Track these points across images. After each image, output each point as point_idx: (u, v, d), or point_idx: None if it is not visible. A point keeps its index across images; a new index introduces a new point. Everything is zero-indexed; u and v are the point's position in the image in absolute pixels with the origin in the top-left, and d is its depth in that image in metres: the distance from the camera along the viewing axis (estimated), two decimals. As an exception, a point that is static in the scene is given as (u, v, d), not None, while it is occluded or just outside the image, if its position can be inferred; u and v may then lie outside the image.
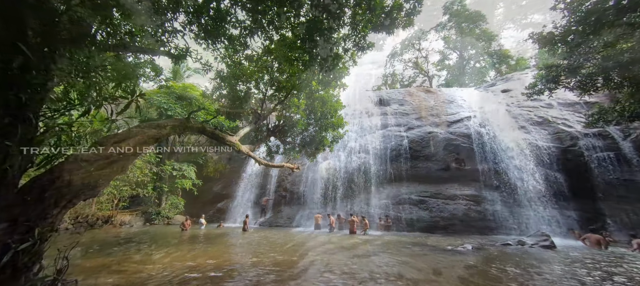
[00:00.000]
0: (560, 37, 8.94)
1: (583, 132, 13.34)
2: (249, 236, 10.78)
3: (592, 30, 7.89)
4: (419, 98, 21.36)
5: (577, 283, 4.10)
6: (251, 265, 5.25)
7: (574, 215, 11.80)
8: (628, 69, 8.13)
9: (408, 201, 14.13)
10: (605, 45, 7.94)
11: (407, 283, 3.95)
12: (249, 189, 19.76)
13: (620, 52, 7.91)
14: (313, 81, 10.07)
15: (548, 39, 9.13)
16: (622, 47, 8.02)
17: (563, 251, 7.50)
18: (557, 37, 9.02)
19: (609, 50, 7.88)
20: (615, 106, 9.32)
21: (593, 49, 8.52)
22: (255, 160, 10.60)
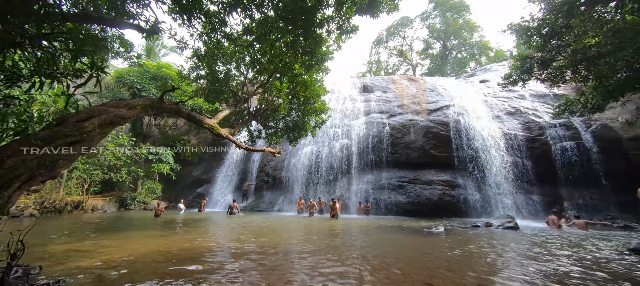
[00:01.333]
0: (536, 29, 9.26)
1: (550, 122, 14.20)
2: (231, 221, 10.70)
3: (564, 24, 8.22)
4: (402, 86, 21.63)
5: (518, 254, 4.49)
6: (231, 248, 5.22)
7: (538, 199, 12.74)
8: (594, 63, 8.63)
9: (388, 187, 14.56)
10: (575, 38, 8.34)
11: (382, 261, 4.10)
12: (231, 174, 19.46)
13: (588, 47, 8.34)
14: (296, 64, 9.81)
15: (524, 30, 9.44)
16: (590, 42, 8.45)
17: (524, 232, 8.11)
18: (533, 29, 9.34)
19: (579, 43, 8.29)
20: (580, 98, 9.93)
21: (564, 43, 8.92)
22: (236, 144, 10.36)
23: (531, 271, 3.86)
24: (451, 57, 45.89)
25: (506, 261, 4.47)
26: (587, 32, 8.08)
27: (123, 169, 16.39)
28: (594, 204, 12.06)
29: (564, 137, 13.42)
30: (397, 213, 13.41)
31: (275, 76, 11.11)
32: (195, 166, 21.05)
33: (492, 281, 3.40)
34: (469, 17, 44.05)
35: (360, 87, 23.10)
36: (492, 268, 4.02)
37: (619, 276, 3.67)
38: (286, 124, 13.02)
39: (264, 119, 13.03)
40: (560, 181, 12.92)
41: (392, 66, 51.85)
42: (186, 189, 20.53)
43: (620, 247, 5.75)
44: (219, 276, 3.34)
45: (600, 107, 9.36)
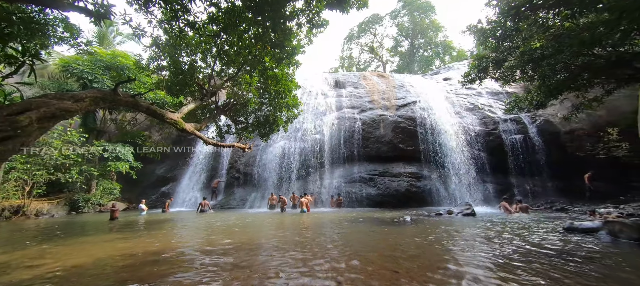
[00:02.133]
0: (491, 32, 10.04)
1: (503, 117, 15.62)
2: (201, 220, 10.22)
3: (514, 27, 9.02)
4: (373, 82, 22.22)
5: (473, 237, 4.97)
6: (200, 247, 4.99)
7: (492, 188, 14.00)
8: (538, 64, 9.59)
9: (359, 180, 14.97)
10: (523, 41, 9.21)
11: (352, 252, 4.22)
12: (199, 172, 18.56)
13: (534, 50, 9.25)
14: (266, 57, 9.56)
15: (481, 32, 10.19)
16: (535, 45, 9.39)
17: (480, 217, 8.89)
18: (488, 32, 10.12)
19: (526, 46, 9.17)
20: (527, 95, 11.03)
21: (514, 45, 9.80)
22: (203, 140, 9.88)
23: (484, 250, 4.24)
24: (418, 56, 48.09)
25: (463, 244, 4.87)
26: (533, 36, 8.96)
27: (73, 168, 14.79)
28: (537, 190, 13.58)
29: (514, 131, 14.87)
30: (367, 205, 13.87)
31: (245, 68, 10.75)
32: (158, 163, 19.71)
33: (451, 261, 3.68)
34: (434, 17, 46.41)
35: (333, 83, 23.28)
36: (450, 251, 4.34)
37: (555, 250, 4.19)
38: (257, 119, 12.70)
39: (234, 113, 12.58)
40: (510, 171, 14.32)
41: (364, 62, 52.99)
42: (149, 189, 19.17)
43: (556, 227, 6.56)
44: (188, 280, 3.19)
45: (543, 104, 10.49)
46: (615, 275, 3.10)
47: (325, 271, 3.38)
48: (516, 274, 3.14)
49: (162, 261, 3.99)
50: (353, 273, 3.28)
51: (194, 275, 3.29)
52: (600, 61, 8.69)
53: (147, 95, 12.73)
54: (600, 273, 3.12)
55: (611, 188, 11.98)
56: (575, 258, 3.77)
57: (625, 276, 3.08)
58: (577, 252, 4.12)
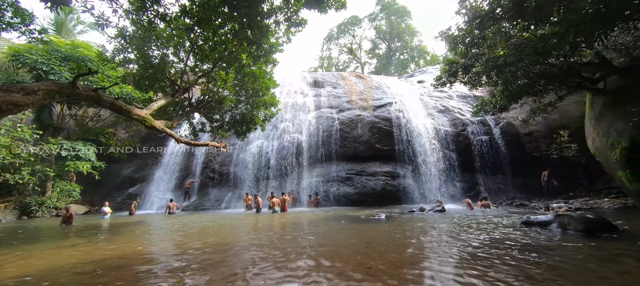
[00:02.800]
0: (460, 39, 10.63)
1: (471, 119, 16.62)
2: (171, 221, 9.73)
3: (480, 36, 9.64)
4: (351, 82, 22.57)
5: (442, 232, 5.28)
6: (170, 252, 4.76)
7: (460, 186, 14.85)
8: (502, 71, 10.32)
9: (336, 179, 15.14)
10: (488, 48, 9.87)
11: (328, 249, 4.26)
12: (170, 172, 17.67)
13: (498, 57, 9.94)
14: (243, 54, 9.33)
15: (451, 39, 10.75)
16: (499, 53, 10.09)
17: (449, 213, 9.40)
18: (458, 38, 10.71)
19: (490, 53, 9.83)
20: (492, 99, 11.81)
21: (481, 52, 10.46)
22: (174, 138, 9.42)
23: (451, 244, 4.50)
24: (395, 58, 49.62)
25: (433, 238, 5.12)
26: (497, 44, 9.63)
27: (24, 169, 13.40)
28: (501, 187, 14.63)
29: (480, 132, 15.89)
30: (345, 203, 14.08)
31: (221, 65, 10.42)
32: (125, 163, 18.48)
33: (420, 255, 3.85)
34: (410, 22, 48.17)
35: (312, 82, 23.30)
36: (420, 245, 4.54)
37: (513, 242, 4.55)
38: (233, 117, 12.37)
39: (208, 111, 12.15)
40: (477, 169, 15.29)
41: (343, 62, 53.62)
42: (114, 190, 17.91)
43: (516, 221, 7.12)
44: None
45: (506, 107, 11.30)
46: (561, 261, 3.44)
47: (300, 269, 3.39)
48: (478, 263, 3.37)
49: (124, 268, 3.76)
50: (326, 271, 3.32)
51: (159, 282, 3.14)
52: (554, 70, 9.55)
53: (112, 89, 11.85)
54: (550, 260, 3.45)
55: (563, 185, 13.22)
56: (530, 249, 4.12)
57: (569, 262, 3.43)
58: (532, 243, 4.50)
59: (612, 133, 8.43)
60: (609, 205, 9.63)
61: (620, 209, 8.95)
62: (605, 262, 3.44)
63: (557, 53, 9.10)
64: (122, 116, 9.08)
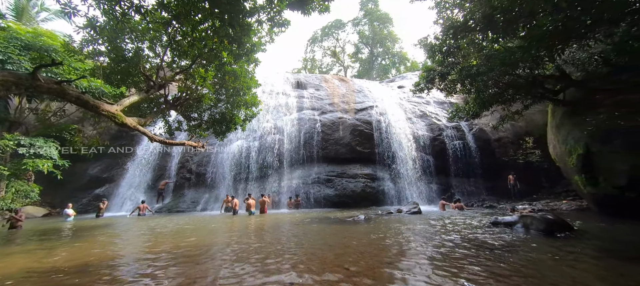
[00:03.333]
0: (438, 47, 11.12)
1: (446, 125, 17.38)
2: (141, 223, 9.21)
3: (456, 46, 10.14)
4: (334, 85, 22.77)
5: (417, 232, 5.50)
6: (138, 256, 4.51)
7: (436, 188, 15.46)
8: (475, 79, 10.93)
9: (317, 181, 15.17)
10: (463, 58, 10.40)
11: (307, 250, 4.25)
12: (143, 172, 16.79)
13: (471, 66, 10.51)
14: (224, 52, 9.11)
15: (430, 47, 11.22)
16: (472, 63, 10.67)
17: (425, 215, 9.75)
18: (436, 47, 11.19)
19: (465, 63, 10.38)
20: (465, 106, 12.45)
21: (456, 61, 11.01)
22: (148, 136, 8.97)
23: (425, 243, 4.67)
24: (377, 63, 50.78)
25: (408, 238, 5.28)
26: (471, 54, 10.18)
27: (-27, 166, 12.09)
28: (473, 190, 15.42)
29: (455, 137, 16.66)
30: (325, 205, 14.13)
31: (200, 62, 10.10)
32: (92, 162, 17.29)
33: (397, 254, 3.96)
34: (392, 29, 49.57)
35: (294, 83, 23.23)
36: (397, 245, 4.67)
37: (482, 241, 4.81)
38: (212, 116, 12.02)
39: (186, 109, 11.71)
40: (451, 173, 16.00)
41: (326, 65, 53.99)
42: (79, 191, 16.69)
43: (485, 222, 7.53)
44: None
45: (478, 114, 11.96)
46: (522, 258, 3.69)
47: (276, 271, 3.35)
48: (449, 262, 3.53)
49: (85, 274, 3.51)
50: (303, 272, 3.31)
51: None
52: (521, 80, 10.26)
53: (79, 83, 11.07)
54: (513, 258, 3.69)
55: (528, 188, 14.19)
56: (496, 248, 4.38)
57: (529, 259, 3.69)
58: (498, 242, 4.79)
59: (570, 141, 9.19)
60: (567, 207, 10.47)
61: (576, 210, 9.76)
62: (560, 258, 3.74)
63: (523, 65, 9.79)
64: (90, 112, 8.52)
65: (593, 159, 8.19)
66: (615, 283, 2.85)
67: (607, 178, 7.74)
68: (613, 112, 8.00)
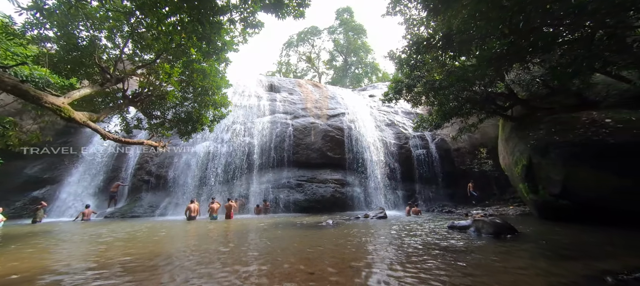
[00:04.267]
0: (405, 61, 11.79)
1: (412, 134, 18.38)
2: (87, 230, 8.28)
3: (421, 60, 10.85)
4: (307, 90, 22.89)
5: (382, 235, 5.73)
6: (77, 267, 4.04)
7: (401, 194, 16.18)
8: (437, 93, 11.76)
9: (287, 186, 15.01)
10: (427, 72, 11.15)
11: (273, 256, 4.16)
12: (94, 173, 15.22)
13: (435, 81, 11.30)
14: (192, 48, 8.70)
15: (398, 60, 11.85)
16: (435, 77, 11.48)
17: (390, 219, 10.14)
18: (404, 60, 11.85)
19: (428, 77, 11.13)
20: (429, 117, 13.29)
21: (421, 75, 11.75)
22: (100, 134, 8.18)
23: (388, 247, 4.85)
24: (350, 72, 52.19)
25: (373, 241, 5.45)
26: (434, 69, 10.95)
27: None
28: (435, 196, 16.41)
29: (420, 146, 17.67)
30: (294, 210, 14.01)
31: (165, 57, 9.55)
32: (31, 160, 15.27)
33: (361, 257, 4.06)
34: (365, 40, 51.46)
35: (268, 86, 22.93)
36: (362, 248, 4.79)
37: (440, 243, 5.13)
38: (177, 115, 11.38)
39: (147, 106, 10.94)
40: (415, 179, 16.89)
41: (301, 70, 54.18)
42: (13, 193, 14.57)
43: (443, 226, 8.05)
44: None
45: (440, 125, 12.84)
46: (473, 258, 4.01)
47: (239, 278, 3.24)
48: (410, 260, 3.70)
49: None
50: (267, 278, 3.24)
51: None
52: (477, 96, 11.27)
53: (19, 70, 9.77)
54: (467, 257, 3.99)
55: (482, 194, 15.48)
56: (451, 248, 4.70)
57: (478, 258, 4.02)
58: (453, 244, 5.14)
59: (516, 152, 10.26)
60: (513, 212, 11.61)
61: (521, 215, 10.86)
62: (505, 257, 4.13)
63: (479, 82, 10.77)
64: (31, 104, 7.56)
65: (534, 170, 9.21)
66: (546, 277, 3.22)
67: (545, 186, 8.75)
68: (550, 129, 9.10)
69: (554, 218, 8.48)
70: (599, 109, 8.92)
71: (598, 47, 5.65)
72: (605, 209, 7.46)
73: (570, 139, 8.19)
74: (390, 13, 12.74)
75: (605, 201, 7.44)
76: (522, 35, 5.84)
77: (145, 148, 15.44)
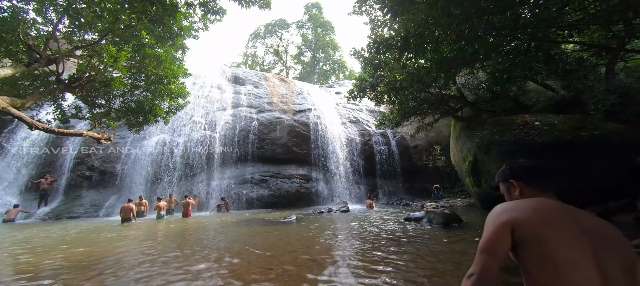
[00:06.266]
0: (369, 60, 12.18)
1: (375, 131, 19.15)
2: (14, 232, 7.07)
3: (384, 60, 11.31)
4: (274, 84, 22.41)
5: (343, 228, 5.94)
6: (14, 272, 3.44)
7: (364, 188, 16.82)
8: (398, 93, 12.39)
9: (251, 181, 14.61)
10: (389, 71, 11.68)
11: (230, 256, 4.01)
12: (18, 167, 13.09)
13: (396, 81, 11.88)
14: (143, 31, 7.89)
15: (363, 59, 12.20)
16: (397, 77, 12.08)
17: (352, 213, 10.48)
18: (368, 60, 12.24)
19: (390, 77, 11.68)
20: (390, 115, 13.96)
21: (384, 74, 12.26)
22: (26, 123, 7.02)
23: (348, 238, 5.00)
24: (318, 68, 52.35)
25: (334, 234, 5.58)
26: (395, 70, 11.50)
27: None
28: (395, 190, 17.36)
29: (381, 143, 18.51)
30: (258, 206, 13.71)
31: (112, 38, 8.53)
32: None
33: (321, 250, 4.12)
34: (333, 37, 51.96)
35: (231, 77, 21.91)
36: (324, 239, 4.87)
37: (395, 233, 5.44)
38: (126, 104, 10.31)
39: (89, 93, 9.71)
40: (377, 174, 17.68)
41: (268, 63, 52.81)
42: None
43: (400, 217, 8.57)
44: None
45: (399, 123, 13.58)
46: (422, 244, 4.34)
47: (196, 278, 3.07)
48: (368, 247, 3.87)
49: None
50: (226, 277, 3.12)
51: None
52: (433, 97, 12.14)
53: None
54: (418, 243, 4.30)
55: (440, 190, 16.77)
56: (404, 237, 5.02)
57: (428, 244, 4.36)
58: (407, 233, 5.50)
59: (464, 150, 11.32)
60: (460, 203, 12.82)
61: (467, 206, 12.04)
62: (450, 243, 4.55)
63: (435, 85, 11.60)
64: None
65: (478, 165, 10.27)
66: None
67: (486, 180, 9.81)
68: (492, 129, 10.20)
69: (493, 207, 9.54)
70: (531, 113, 10.25)
71: (529, 58, 6.46)
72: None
73: (508, 139, 9.27)
74: (356, 12, 13.00)
75: (533, 192, 8.60)
76: (468, 42, 6.41)
77: (85, 140, 13.72)
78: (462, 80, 12.36)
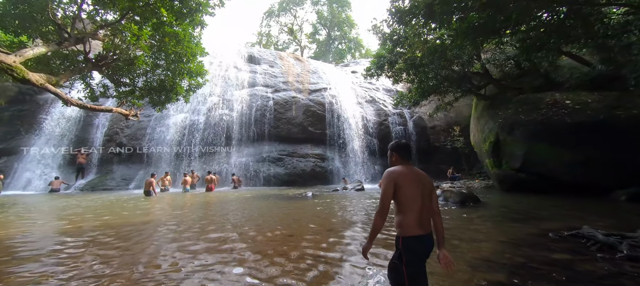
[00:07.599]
0: (389, 36, 11.71)
1: (392, 111, 18.77)
2: (56, 202, 7.84)
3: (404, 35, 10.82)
4: (289, 63, 22.21)
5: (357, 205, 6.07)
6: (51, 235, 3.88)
7: (379, 168, 16.81)
8: (418, 70, 11.94)
9: (268, 159, 14.99)
10: (409, 47, 11.20)
11: (255, 224, 4.26)
12: (56, 143, 14.13)
13: (415, 58, 11.41)
14: (162, 8, 7.98)
15: (382, 34, 11.74)
16: (417, 55, 11.58)
17: (367, 192, 10.60)
18: (387, 36, 11.77)
19: (409, 53, 11.21)
20: (408, 94, 13.57)
21: (403, 51, 11.79)
22: (61, 98, 7.51)
23: (363, 214, 5.13)
24: (333, 47, 50.98)
25: (349, 210, 5.73)
26: (415, 45, 11.00)
27: None
28: (409, 171, 17.20)
29: (398, 123, 18.18)
30: (275, 183, 14.14)
31: (132, 17, 8.70)
32: (-20, 129, 13.80)
33: (338, 222, 4.28)
34: (349, 13, 49.93)
35: (247, 57, 21.91)
36: (340, 215, 5.03)
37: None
38: (149, 82, 10.66)
39: (114, 72, 10.11)
40: (393, 155, 17.51)
41: (283, 42, 52.01)
42: (-39, 165, 13.24)
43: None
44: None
45: (418, 102, 13.22)
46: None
47: (220, 243, 3.31)
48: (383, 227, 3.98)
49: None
50: (252, 241, 3.34)
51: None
52: (455, 75, 11.61)
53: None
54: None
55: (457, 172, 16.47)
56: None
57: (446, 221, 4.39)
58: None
59: (486, 130, 10.92)
60: (478, 185, 12.57)
61: (485, 187, 11.80)
62: (466, 220, 4.56)
63: (457, 61, 11.05)
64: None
65: (500, 146, 9.92)
66: (498, 235, 3.62)
67: (508, 161, 9.51)
68: (518, 108, 9.71)
69: (513, 189, 9.31)
70: (561, 91, 9.60)
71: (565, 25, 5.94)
72: (553, 180, 8.35)
73: (534, 118, 8.82)
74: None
75: (555, 172, 8.31)
76: (499, 9, 5.97)
77: (114, 117, 14.48)
78: (488, 55, 11.66)
